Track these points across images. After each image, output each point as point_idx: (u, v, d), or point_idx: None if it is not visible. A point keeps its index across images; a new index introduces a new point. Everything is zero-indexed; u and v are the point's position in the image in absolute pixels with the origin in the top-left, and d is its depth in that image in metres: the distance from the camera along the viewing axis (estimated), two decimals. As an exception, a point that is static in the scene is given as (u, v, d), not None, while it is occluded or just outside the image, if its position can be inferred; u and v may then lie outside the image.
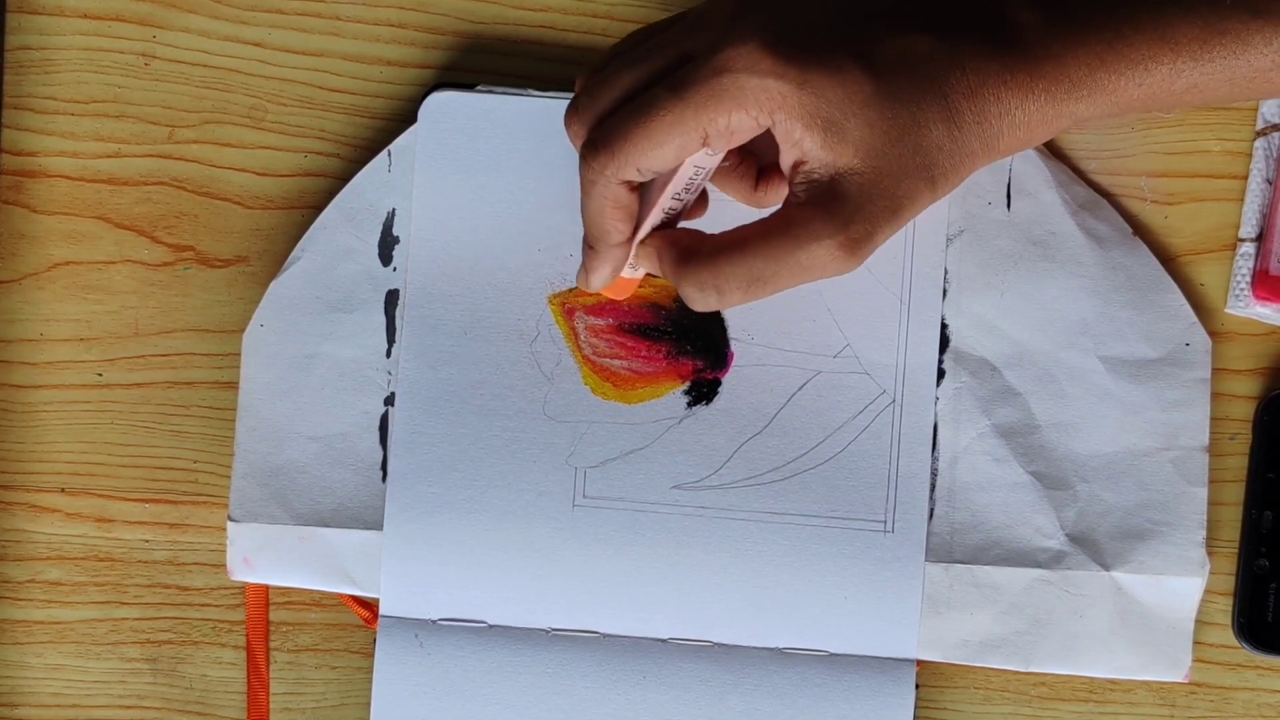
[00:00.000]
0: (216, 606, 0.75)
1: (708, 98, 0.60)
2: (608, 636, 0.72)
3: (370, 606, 0.74)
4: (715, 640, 0.72)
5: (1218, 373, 0.73)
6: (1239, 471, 0.73)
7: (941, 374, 0.72)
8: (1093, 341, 0.72)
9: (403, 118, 0.74)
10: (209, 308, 0.75)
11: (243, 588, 0.74)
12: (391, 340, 0.73)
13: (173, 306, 0.75)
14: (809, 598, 0.72)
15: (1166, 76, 0.61)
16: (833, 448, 0.72)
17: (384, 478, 0.73)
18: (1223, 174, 0.73)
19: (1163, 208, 0.73)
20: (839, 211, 0.60)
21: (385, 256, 0.73)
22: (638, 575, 0.72)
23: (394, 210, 0.73)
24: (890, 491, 0.72)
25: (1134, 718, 0.73)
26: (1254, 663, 0.73)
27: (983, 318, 0.72)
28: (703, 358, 0.73)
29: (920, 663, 0.72)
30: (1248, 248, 0.72)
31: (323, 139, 0.74)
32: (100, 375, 0.75)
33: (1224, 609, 0.73)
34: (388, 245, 0.73)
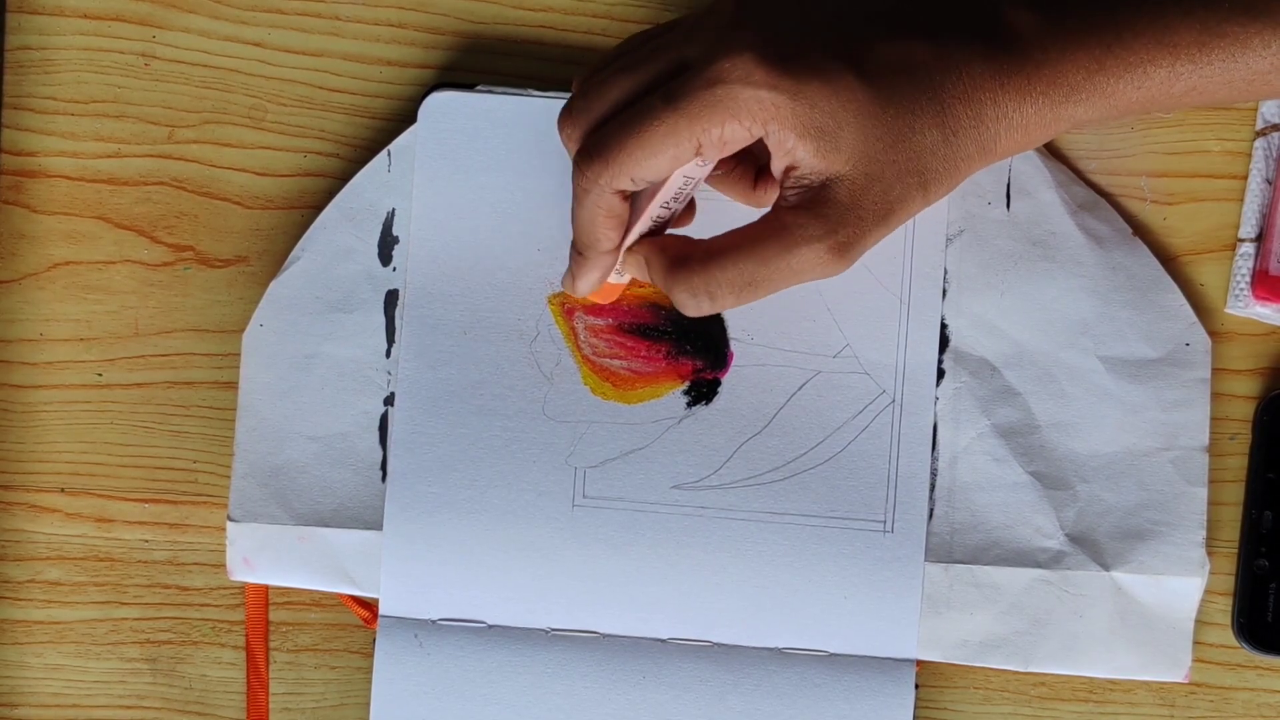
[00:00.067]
0: (216, 606, 0.75)
1: (702, 108, 0.60)
2: (607, 636, 0.72)
3: (370, 606, 0.74)
4: (715, 640, 0.72)
5: (1218, 373, 0.73)
6: (1239, 471, 0.73)
7: (941, 374, 0.72)
8: (1093, 341, 0.72)
9: (402, 118, 0.74)
10: (209, 308, 0.74)
11: (242, 588, 0.74)
12: (391, 340, 0.73)
13: (173, 306, 0.75)
14: (809, 598, 0.72)
15: (1165, 79, 0.61)
16: (832, 448, 0.72)
17: (384, 478, 0.73)
18: (1222, 174, 0.73)
19: (1162, 208, 0.73)
20: (829, 215, 0.60)
21: (385, 256, 0.73)
22: (637, 575, 0.72)
23: (394, 210, 0.73)
24: (890, 491, 0.72)
25: (1134, 718, 0.73)
26: (1254, 663, 0.73)
27: (982, 318, 0.72)
28: (702, 358, 0.73)
29: (920, 663, 0.72)
30: (1247, 248, 0.72)
31: (323, 139, 0.74)
32: (100, 375, 0.75)
33: (1224, 609, 0.73)
34: (387, 245, 0.73)
